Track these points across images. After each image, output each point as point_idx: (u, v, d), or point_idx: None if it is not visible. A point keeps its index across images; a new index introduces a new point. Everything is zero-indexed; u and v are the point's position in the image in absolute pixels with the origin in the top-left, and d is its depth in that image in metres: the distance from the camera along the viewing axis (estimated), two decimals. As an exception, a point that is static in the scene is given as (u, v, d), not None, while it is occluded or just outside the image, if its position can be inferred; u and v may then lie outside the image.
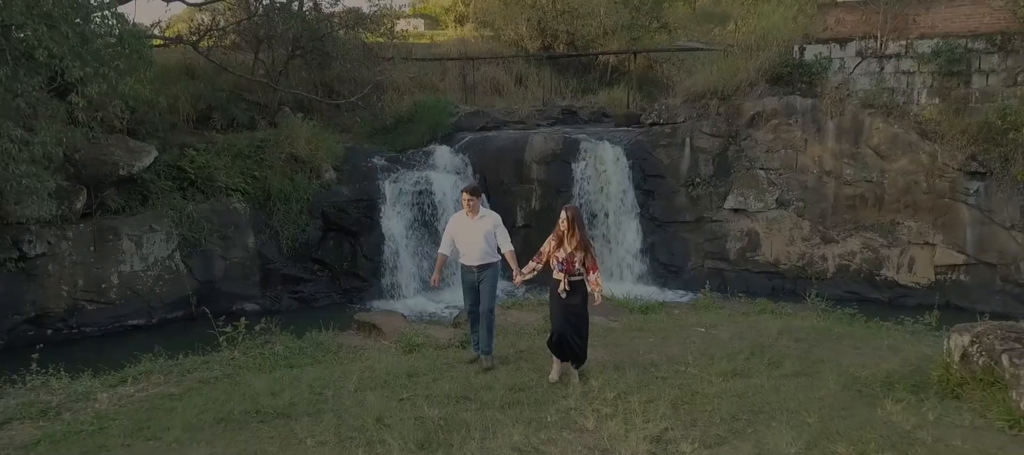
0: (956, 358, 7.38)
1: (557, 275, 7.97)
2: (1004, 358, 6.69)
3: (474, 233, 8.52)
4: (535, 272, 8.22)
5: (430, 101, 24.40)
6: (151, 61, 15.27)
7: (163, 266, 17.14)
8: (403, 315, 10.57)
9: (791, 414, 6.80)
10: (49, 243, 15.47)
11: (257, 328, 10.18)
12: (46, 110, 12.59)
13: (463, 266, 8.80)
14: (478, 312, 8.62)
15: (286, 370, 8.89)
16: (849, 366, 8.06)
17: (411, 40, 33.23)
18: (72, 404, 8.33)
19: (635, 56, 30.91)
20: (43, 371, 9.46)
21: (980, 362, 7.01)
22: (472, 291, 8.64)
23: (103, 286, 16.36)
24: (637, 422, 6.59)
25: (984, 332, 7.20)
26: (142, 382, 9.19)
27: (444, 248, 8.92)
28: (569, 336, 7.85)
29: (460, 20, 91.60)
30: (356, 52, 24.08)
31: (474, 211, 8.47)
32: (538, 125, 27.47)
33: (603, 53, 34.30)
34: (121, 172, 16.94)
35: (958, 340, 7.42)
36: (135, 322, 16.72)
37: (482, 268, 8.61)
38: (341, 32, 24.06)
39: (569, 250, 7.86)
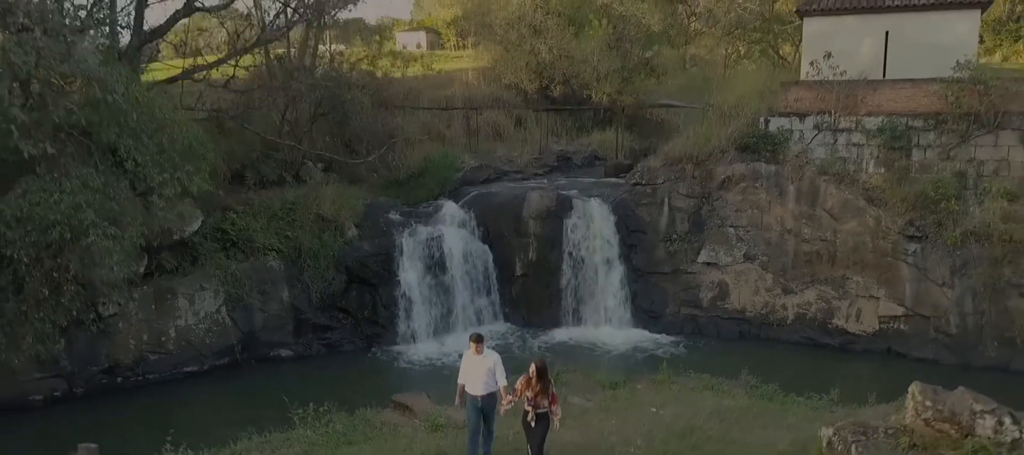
0: (824, 445, 10.08)
1: (527, 407, 10.08)
2: (853, 448, 9.42)
3: (479, 369, 10.43)
4: (511, 404, 10.31)
5: (438, 157, 27.16)
6: (210, 158, 18.01)
7: (212, 319, 19.95)
8: (427, 396, 13.02)
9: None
10: (119, 304, 18.24)
11: (321, 410, 12.39)
12: (132, 209, 15.34)
13: (470, 395, 10.61)
14: (478, 429, 10.48)
15: (346, 446, 11.44)
16: (753, 444, 10.71)
17: (415, 71, 35.37)
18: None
19: (623, 109, 33.54)
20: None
21: (839, 449, 9.74)
22: (475, 412, 10.48)
23: (163, 339, 19.17)
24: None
25: (842, 426, 9.87)
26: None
27: (461, 379, 10.76)
28: (534, 448, 10.14)
29: (462, 35, 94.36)
30: (371, 112, 26.99)
31: (480, 353, 10.48)
32: (535, 174, 30.35)
33: (588, 107, 37.00)
34: (174, 237, 19.69)
35: (825, 431, 10.07)
36: (190, 369, 19.54)
37: (485, 398, 10.42)
38: (358, 92, 26.88)
39: (535, 392, 9.95)
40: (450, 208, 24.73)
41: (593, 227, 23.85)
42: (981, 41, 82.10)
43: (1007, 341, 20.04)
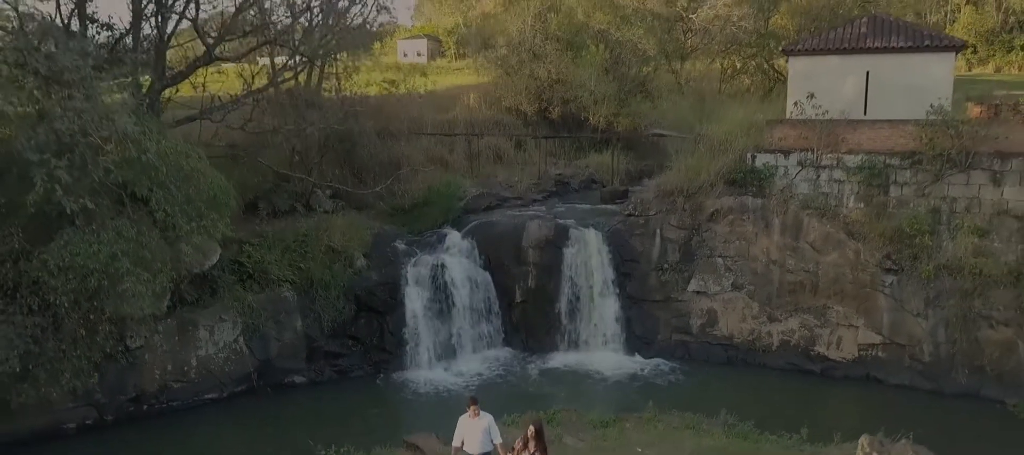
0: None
1: None
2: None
3: (476, 430, 11.39)
4: None
5: (442, 187, 28.43)
6: (232, 205, 19.29)
7: (230, 349, 21.23)
8: (437, 436, 14.19)
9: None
10: (145, 337, 19.51)
11: (341, 451, 13.57)
12: (162, 255, 16.62)
13: (466, 454, 11.51)
14: None
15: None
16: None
17: (418, 87, 36.26)
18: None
19: (617, 139, 34.77)
20: None
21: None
22: None
23: (185, 368, 20.46)
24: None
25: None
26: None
27: (456, 441, 11.55)
28: None
29: (462, 43, 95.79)
30: (377, 142, 28.32)
31: (476, 415, 11.42)
32: (534, 200, 31.68)
33: (586, 129, 38.27)
34: (194, 271, 20.95)
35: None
36: (210, 396, 20.82)
37: None
38: (365, 123, 28.19)
39: (532, 452, 10.60)
40: (453, 237, 26.00)
41: (589, 256, 25.14)
42: (974, 51, 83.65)
43: (977, 369, 21.35)
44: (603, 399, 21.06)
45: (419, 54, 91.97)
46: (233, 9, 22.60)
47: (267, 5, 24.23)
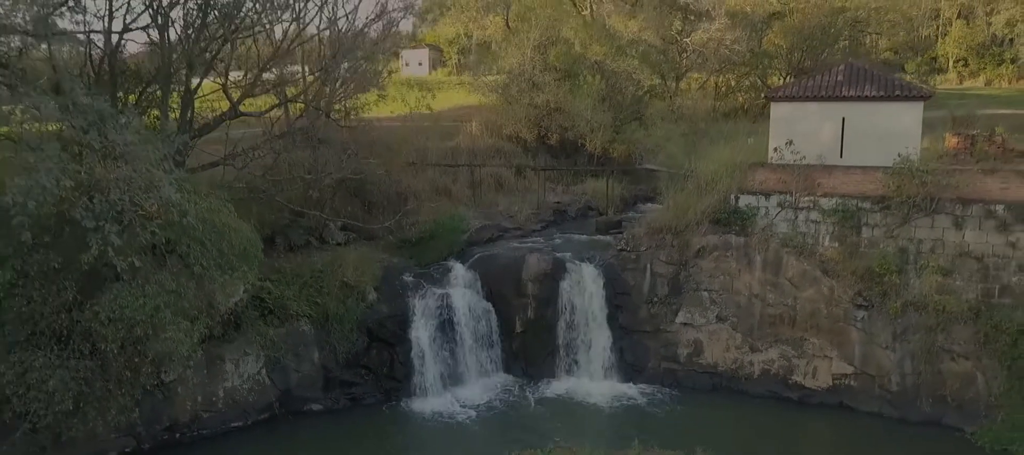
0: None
1: None
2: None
3: None
4: None
5: (446, 220, 30.27)
6: (260, 258, 21.16)
7: (254, 380, 23.13)
8: None
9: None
10: (179, 372, 21.38)
11: None
12: (198, 304, 18.49)
13: None
14: None
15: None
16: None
17: (420, 105, 37.59)
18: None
19: (612, 171, 36.60)
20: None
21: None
22: None
23: (213, 399, 22.35)
24: None
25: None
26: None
27: None
28: None
29: (463, 53, 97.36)
30: (386, 179, 30.20)
31: None
32: (533, 230, 33.50)
33: (583, 155, 40.12)
34: (220, 308, 22.81)
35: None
36: (235, 424, 22.73)
37: None
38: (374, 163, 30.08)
39: None
40: (458, 270, 27.85)
41: (584, 289, 26.99)
42: (966, 64, 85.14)
43: (940, 398, 23.25)
44: (597, 425, 23.01)
45: (420, 64, 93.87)
46: (257, 70, 24.41)
47: (285, 71, 26.08)
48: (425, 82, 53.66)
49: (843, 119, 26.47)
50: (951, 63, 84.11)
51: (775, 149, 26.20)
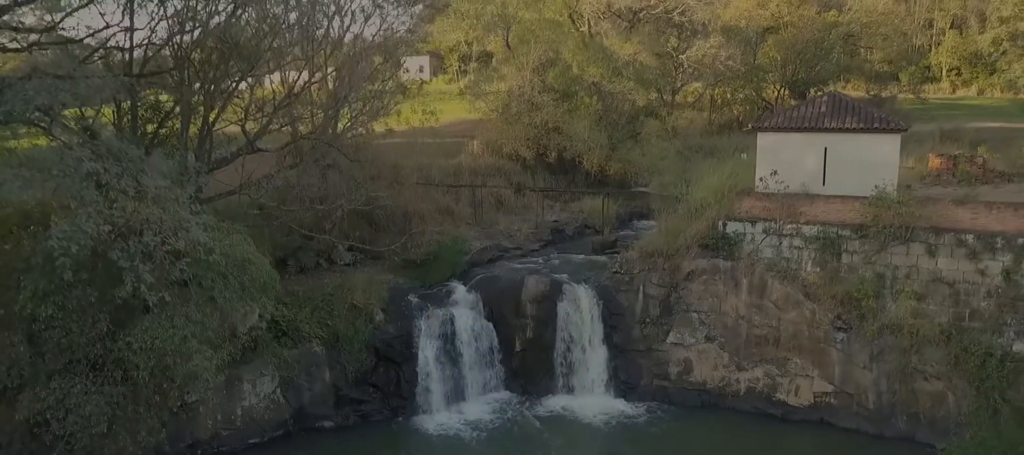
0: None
1: None
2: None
3: None
4: None
5: (449, 242, 31.75)
6: (277, 288, 22.66)
7: (270, 399, 24.61)
8: None
9: None
10: (201, 393, 22.84)
11: None
12: (222, 333, 19.98)
13: None
14: None
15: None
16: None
17: (420, 120, 38.77)
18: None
19: (608, 195, 38.00)
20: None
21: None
22: None
23: (232, 417, 23.84)
24: None
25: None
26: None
27: None
28: None
29: (463, 60, 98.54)
30: (393, 205, 31.71)
31: None
32: (532, 250, 35.02)
33: (575, 187, 41.52)
34: (242, 337, 24.26)
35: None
36: (253, 441, 24.23)
37: None
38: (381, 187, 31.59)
39: None
40: (460, 291, 29.33)
41: (581, 310, 28.49)
42: (958, 73, 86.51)
43: (913, 416, 24.75)
44: (592, 440, 24.56)
45: (421, 70, 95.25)
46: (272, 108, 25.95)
47: (297, 113, 27.64)
48: (427, 91, 54.85)
49: (825, 149, 27.91)
50: (944, 72, 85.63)
51: (760, 179, 27.66)
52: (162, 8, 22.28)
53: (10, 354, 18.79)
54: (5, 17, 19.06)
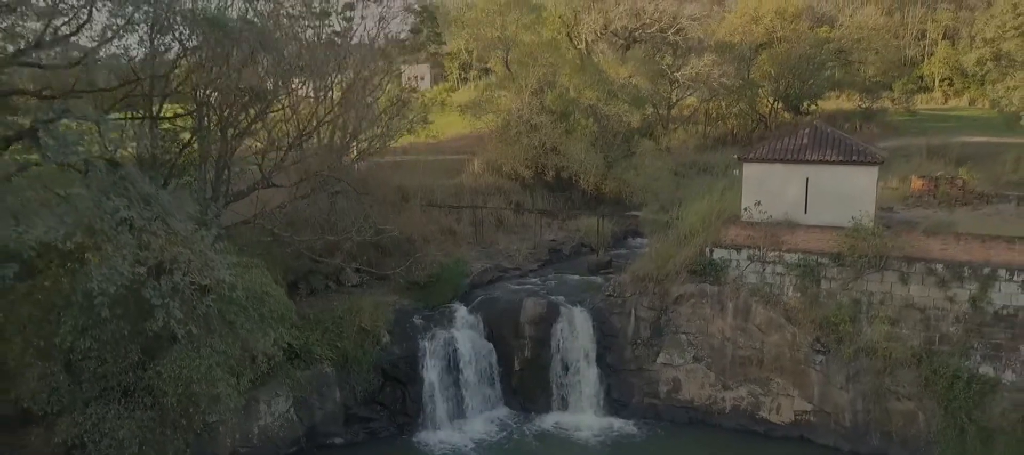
0: None
1: None
2: None
3: None
4: None
5: (451, 264, 33.40)
6: (293, 318, 24.32)
7: (284, 418, 26.27)
8: None
9: None
10: (220, 414, 24.50)
11: None
12: (243, 361, 21.64)
13: None
14: None
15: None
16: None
17: (424, 135, 40.33)
18: None
19: (602, 216, 39.57)
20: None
21: None
22: None
23: (249, 436, 25.51)
24: None
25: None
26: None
27: None
28: None
29: (464, 68, 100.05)
30: (397, 228, 33.36)
31: None
32: (530, 270, 36.68)
33: (572, 208, 43.12)
34: (262, 366, 25.82)
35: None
36: (268, 458, 25.93)
37: None
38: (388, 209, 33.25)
39: None
40: (462, 313, 30.99)
41: (576, 331, 30.16)
42: (950, 84, 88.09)
43: (887, 434, 26.41)
44: (586, 454, 26.27)
45: (421, 78, 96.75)
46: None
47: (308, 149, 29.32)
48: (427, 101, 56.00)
49: (807, 179, 29.52)
50: (937, 82, 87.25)
51: (745, 209, 29.30)
52: (185, 55, 23.87)
53: (50, 382, 20.47)
54: (33, 55, 20.54)
